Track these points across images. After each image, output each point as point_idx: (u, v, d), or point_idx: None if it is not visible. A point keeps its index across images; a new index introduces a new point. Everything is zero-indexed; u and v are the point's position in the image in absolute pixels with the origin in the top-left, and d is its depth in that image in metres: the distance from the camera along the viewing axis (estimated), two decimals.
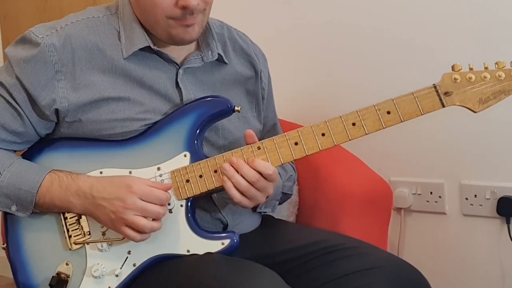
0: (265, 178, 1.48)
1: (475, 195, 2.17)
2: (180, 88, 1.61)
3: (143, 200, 1.45)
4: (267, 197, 1.55)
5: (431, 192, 2.25)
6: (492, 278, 2.17)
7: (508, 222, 2.11)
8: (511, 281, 2.15)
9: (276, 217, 1.85)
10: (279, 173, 1.59)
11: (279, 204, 1.83)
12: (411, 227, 2.31)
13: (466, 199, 2.19)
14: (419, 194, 2.27)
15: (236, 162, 1.47)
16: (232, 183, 1.47)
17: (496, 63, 1.47)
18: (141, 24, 1.59)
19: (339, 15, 2.34)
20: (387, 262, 1.51)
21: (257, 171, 1.47)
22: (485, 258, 2.18)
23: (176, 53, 1.62)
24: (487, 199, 2.14)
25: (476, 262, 2.20)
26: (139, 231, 1.45)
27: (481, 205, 2.16)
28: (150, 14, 1.55)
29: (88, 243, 1.52)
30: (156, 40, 1.59)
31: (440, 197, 2.24)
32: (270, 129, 1.84)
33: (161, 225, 1.47)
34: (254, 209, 1.72)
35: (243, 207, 1.52)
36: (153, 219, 1.46)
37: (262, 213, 1.78)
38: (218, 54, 1.67)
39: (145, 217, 1.45)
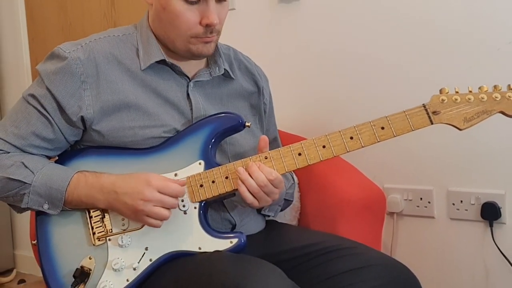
0: (270, 182, 1.49)
1: (461, 201, 2.16)
2: (190, 99, 1.64)
3: (160, 193, 1.48)
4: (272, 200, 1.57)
5: (421, 198, 2.25)
6: (477, 276, 2.17)
7: (491, 226, 2.11)
8: (494, 279, 2.15)
9: (279, 221, 1.86)
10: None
11: (282, 210, 1.85)
12: (403, 230, 2.31)
13: (453, 204, 2.18)
14: (410, 200, 2.27)
15: (250, 166, 1.50)
16: (246, 185, 1.49)
17: (480, 87, 1.51)
18: (157, 41, 1.63)
19: (337, 42, 2.36)
20: (380, 261, 1.51)
21: (264, 175, 1.49)
22: (470, 258, 2.18)
23: (187, 68, 1.66)
24: (472, 204, 2.14)
25: (462, 262, 2.19)
26: (159, 218, 1.48)
27: (466, 210, 2.16)
28: (172, 32, 1.58)
29: (109, 238, 1.54)
30: (170, 55, 1.63)
31: (429, 202, 2.23)
32: (271, 141, 1.85)
33: (170, 213, 1.50)
34: (258, 210, 1.75)
35: (252, 207, 1.55)
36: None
37: (266, 217, 1.80)
38: (225, 69, 1.70)
39: (162, 207, 1.48)
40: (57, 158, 1.66)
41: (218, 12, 1.57)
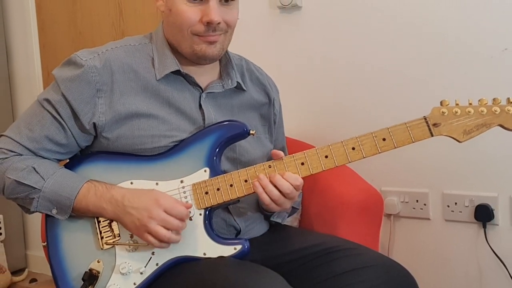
0: (295, 188, 1.50)
1: (456, 203, 2.16)
2: (202, 110, 1.62)
3: (166, 213, 1.46)
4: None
5: (417, 200, 2.24)
6: (470, 275, 2.17)
7: (484, 227, 2.11)
8: (487, 279, 2.15)
9: (281, 223, 1.85)
10: None
11: (288, 216, 1.86)
12: (400, 231, 2.30)
13: (448, 206, 2.18)
14: (406, 202, 2.26)
15: (273, 176, 1.50)
16: (266, 192, 1.49)
17: (479, 100, 1.49)
18: (172, 50, 1.61)
19: (338, 51, 2.35)
20: (378, 262, 1.51)
21: (289, 182, 1.49)
22: (464, 258, 2.18)
23: (201, 79, 1.64)
24: (466, 206, 2.14)
25: (456, 262, 2.20)
26: (158, 239, 1.47)
27: (460, 212, 2.16)
28: (177, 31, 1.57)
29: (117, 245, 1.53)
30: (185, 66, 1.61)
31: (425, 204, 2.23)
32: (279, 150, 1.85)
33: (179, 238, 1.49)
34: (267, 218, 1.75)
35: (271, 211, 1.56)
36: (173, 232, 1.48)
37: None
38: (237, 82, 1.69)
39: (165, 228, 1.46)
40: (68, 161, 1.65)
41: (223, 12, 1.55)
